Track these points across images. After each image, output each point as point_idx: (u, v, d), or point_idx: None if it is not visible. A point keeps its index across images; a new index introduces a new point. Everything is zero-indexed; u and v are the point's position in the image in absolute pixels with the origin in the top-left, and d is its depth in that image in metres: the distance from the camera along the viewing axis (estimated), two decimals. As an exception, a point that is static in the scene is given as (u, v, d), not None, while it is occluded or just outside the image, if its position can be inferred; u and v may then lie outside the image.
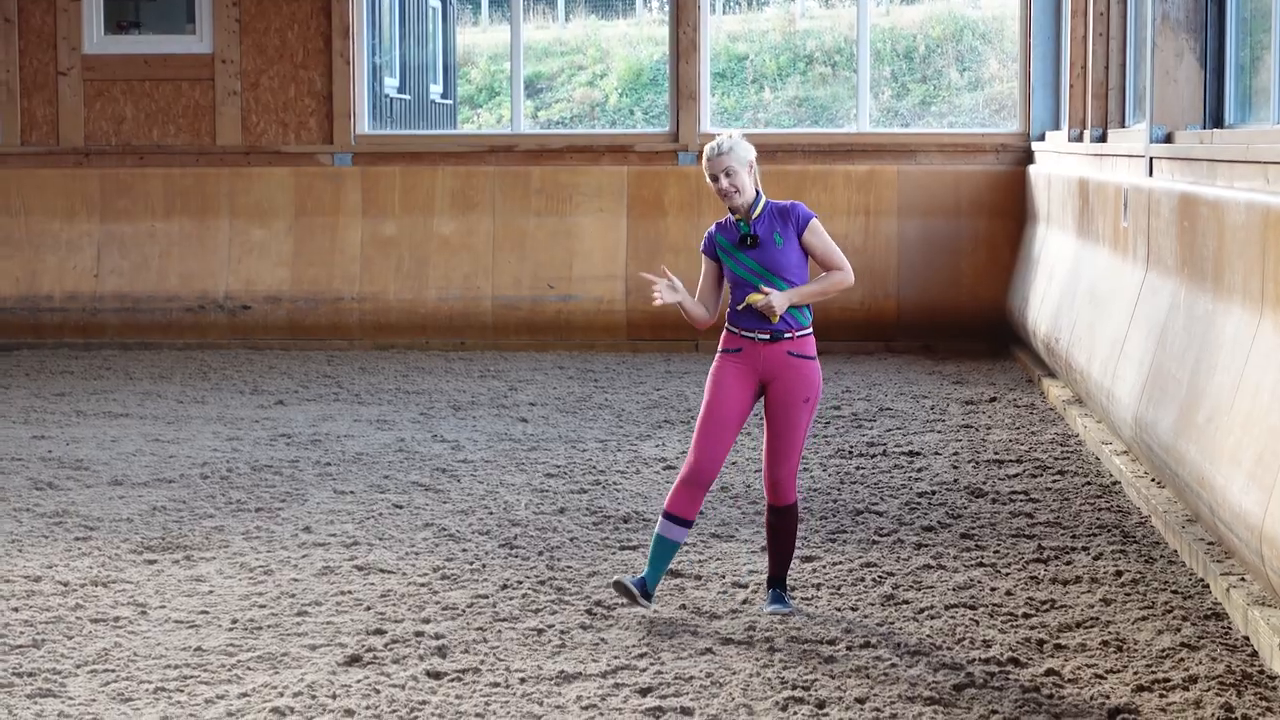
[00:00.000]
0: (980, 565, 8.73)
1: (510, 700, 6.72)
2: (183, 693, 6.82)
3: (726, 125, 26.63)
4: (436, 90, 29.38)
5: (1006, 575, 8.54)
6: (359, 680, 6.94)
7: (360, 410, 13.69)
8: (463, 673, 7.04)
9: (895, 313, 17.18)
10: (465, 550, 9.11)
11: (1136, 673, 6.99)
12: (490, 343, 17.45)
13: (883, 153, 17.49)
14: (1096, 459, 11.37)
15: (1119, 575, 8.49)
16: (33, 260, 17.90)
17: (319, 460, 11.58)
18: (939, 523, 9.68)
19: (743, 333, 7.83)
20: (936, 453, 11.75)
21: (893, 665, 7.11)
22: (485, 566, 8.77)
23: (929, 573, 8.60)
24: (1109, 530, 9.45)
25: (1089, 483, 10.71)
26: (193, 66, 17.99)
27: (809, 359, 7.85)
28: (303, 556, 8.99)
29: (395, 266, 17.67)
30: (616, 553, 9.04)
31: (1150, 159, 11.42)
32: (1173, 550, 8.95)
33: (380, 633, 7.57)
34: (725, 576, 8.53)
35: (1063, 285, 13.93)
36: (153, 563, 8.87)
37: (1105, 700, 6.66)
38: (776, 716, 6.53)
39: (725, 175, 7.78)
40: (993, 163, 17.44)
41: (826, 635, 7.52)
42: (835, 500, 10.30)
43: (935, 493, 10.48)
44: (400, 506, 10.19)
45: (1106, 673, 7.00)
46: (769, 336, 7.78)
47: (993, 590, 8.25)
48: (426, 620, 7.79)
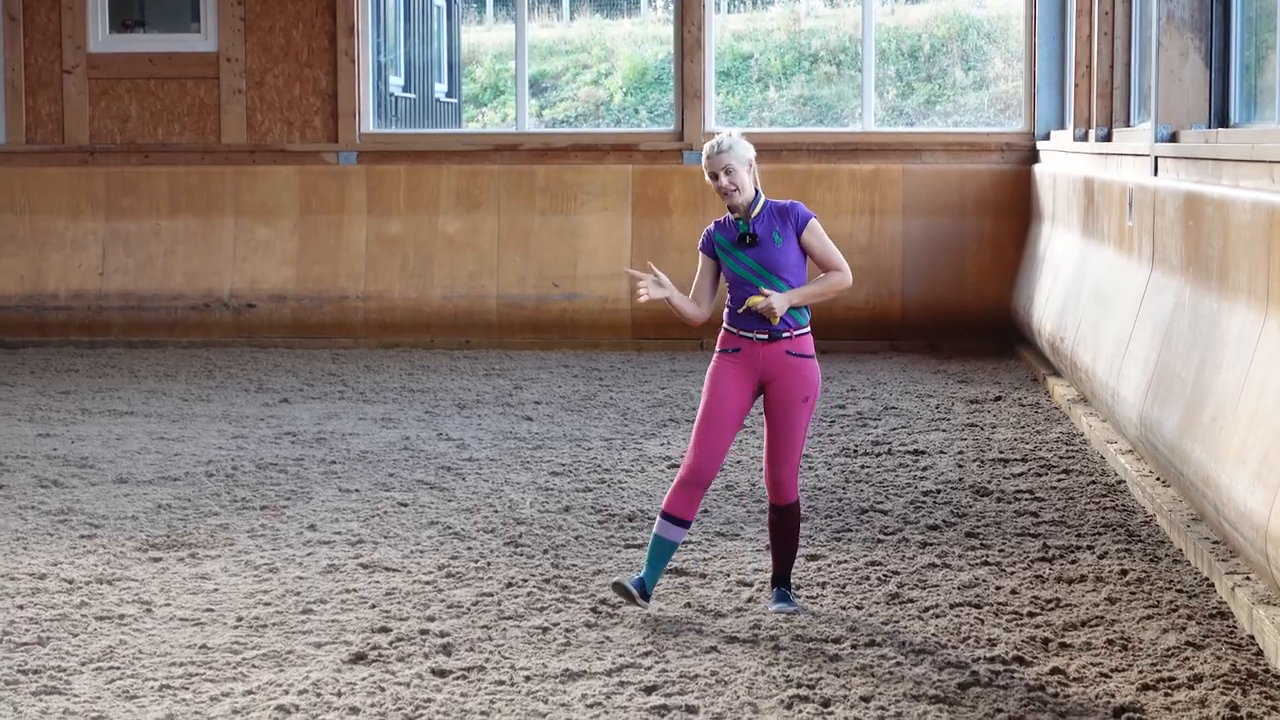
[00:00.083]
0: (985, 564, 8.73)
1: (515, 698, 6.72)
2: (188, 690, 6.82)
3: (731, 124, 26.63)
4: (441, 89, 29.39)
5: (1011, 574, 8.54)
6: (364, 678, 6.94)
7: (365, 408, 13.69)
8: (468, 671, 7.04)
9: (900, 312, 17.17)
10: (470, 548, 9.12)
11: (1141, 671, 6.98)
12: (495, 341, 17.46)
13: (888, 152, 17.49)
14: (1101, 458, 11.37)
15: (1124, 574, 8.49)
16: (38, 258, 17.91)
17: (324, 458, 11.58)
18: (944, 521, 9.68)
19: (741, 333, 7.81)
20: (941, 451, 11.74)
21: (898, 664, 7.11)
22: (490, 565, 8.77)
23: (934, 571, 8.60)
24: (1114, 529, 9.44)
25: (1094, 482, 10.71)
26: (198, 65, 18.00)
27: (808, 358, 7.84)
28: (308, 554, 8.99)
29: (400, 265, 17.68)
30: (621, 551, 9.05)
31: (1155, 158, 11.41)
32: (1178, 549, 8.95)
33: (385, 630, 7.57)
34: (730, 575, 8.53)
35: (1068, 284, 13.93)
36: (158, 560, 8.87)
37: (1110, 699, 6.66)
38: (781, 715, 6.52)
39: (725, 173, 7.77)
40: (998, 162, 17.43)
41: (831, 634, 7.52)
42: (840, 499, 10.30)
43: (940, 491, 10.48)
44: (405, 505, 10.19)
45: (1111, 671, 6.99)
46: (767, 336, 7.76)
47: (998, 589, 8.25)
48: (431, 618, 7.79)
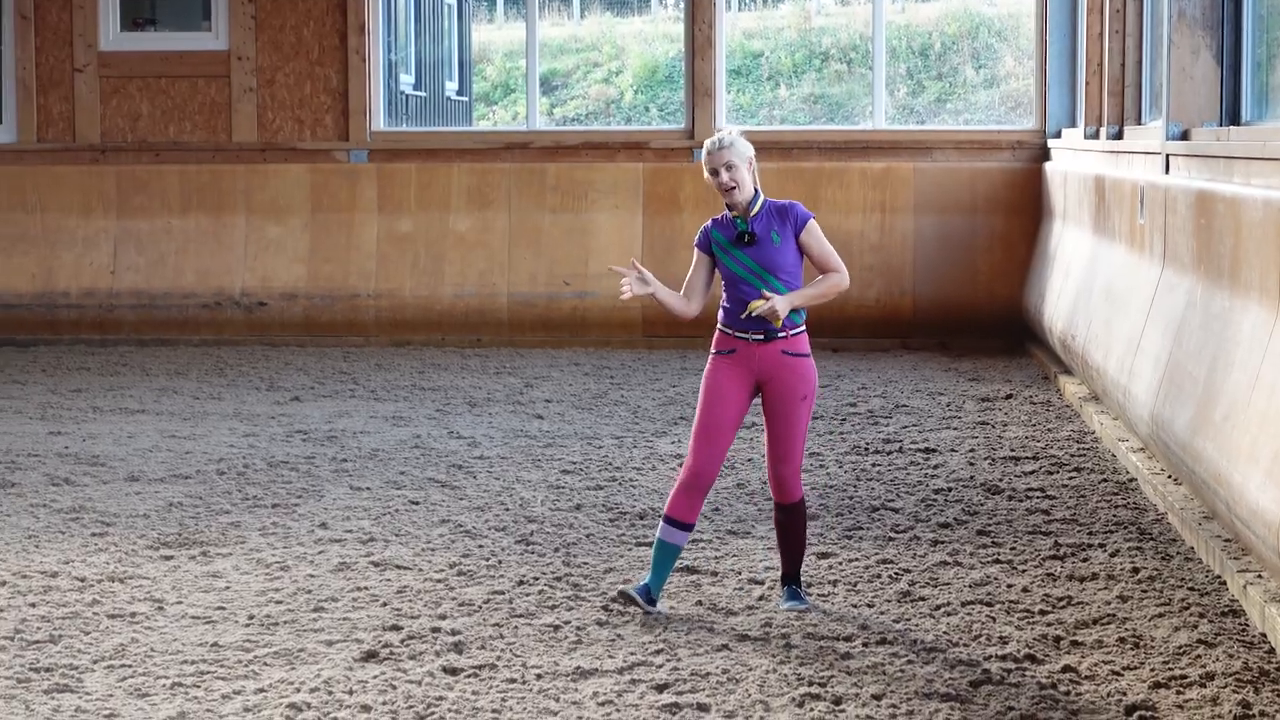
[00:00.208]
0: (997, 562, 8.72)
1: (526, 696, 6.72)
2: (199, 688, 6.82)
3: (742, 122, 26.63)
4: (452, 87, 29.39)
5: (1023, 572, 8.53)
6: (375, 676, 6.94)
7: (376, 407, 13.70)
8: (479, 669, 7.04)
9: (911, 310, 17.17)
10: (481, 546, 9.12)
11: (1153, 669, 6.98)
12: (506, 339, 17.46)
13: (898, 150, 17.48)
14: (1113, 456, 11.36)
15: (1135, 572, 8.48)
16: (49, 257, 17.93)
17: (335, 457, 11.59)
18: (955, 519, 9.67)
19: (736, 333, 7.78)
20: (953, 449, 11.74)
21: (909, 662, 7.10)
22: (501, 563, 8.77)
23: (945, 569, 8.59)
24: (1125, 527, 9.43)
25: (1105, 480, 10.70)
26: (208, 63, 18.01)
27: (804, 357, 7.82)
28: (319, 552, 8.99)
29: (411, 263, 17.68)
30: (633, 549, 9.04)
31: (1167, 156, 11.40)
32: (1189, 547, 8.93)
33: (397, 629, 7.58)
34: (741, 573, 8.53)
35: (1079, 282, 13.92)
36: (169, 558, 8.88)
37: (1122, 697, 6.65)
38: (793, 713, 6.52)
39: (726, 169, 7.74)
40: (1009, 160, 17.42)
41: (843, 632, 7.52)
42: (851, 497, 10.30)
43: (951, 489, 10.47)
44: (416, 503, 10.19)
45: (1123, 669, 6.98)
46: (763, 336, 7.74)
47: (1009, 587, 8.24)
48: (443, 616, 7.79)
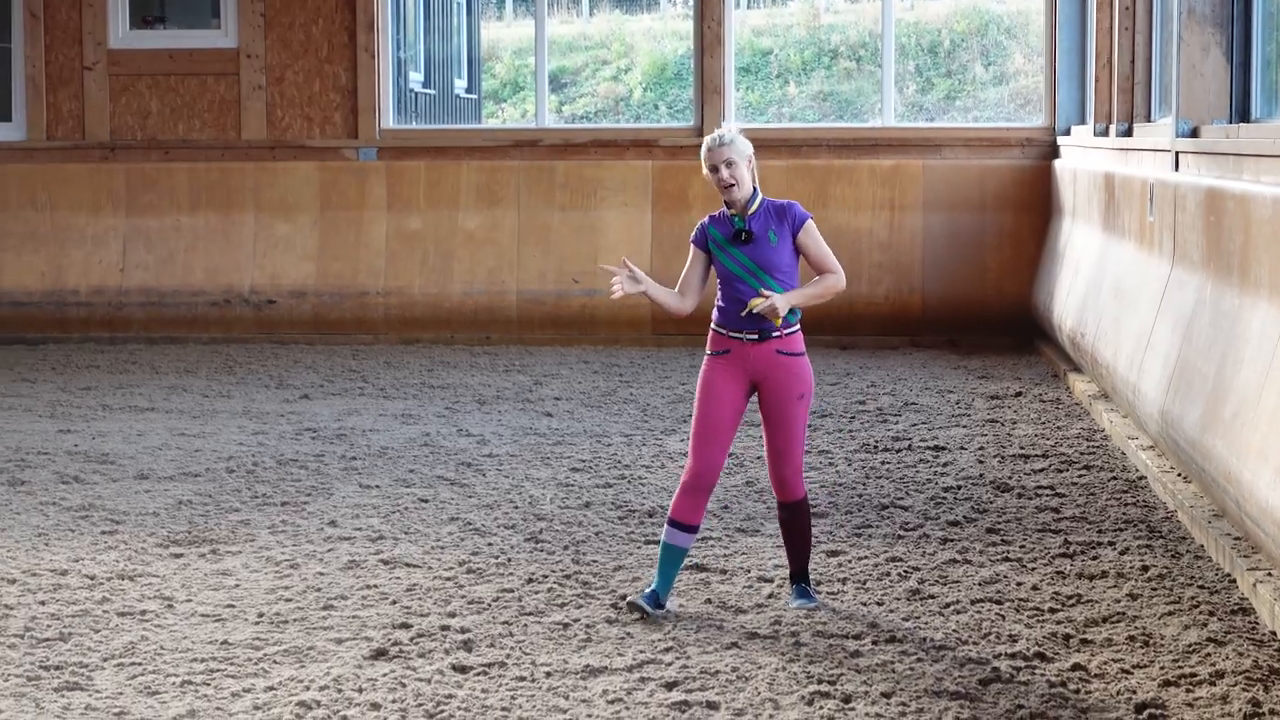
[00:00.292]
0: (1006, 560, 8.72)
1: (536, 694, 6.73)
2: (209, 686, 6.83)
3: (751, 120, 26.63)
4: (461, 85, 29.40)
5: (1032, 570, 8.53)
6: (385, 674, 6.95)
7: (385, 405, 13.71)
8: (488, 667, 7.05)
9: (920, 307, 17.16)
10: (491, 544, 9.12)
11: (1163, 668, 6.97)
12: (515, 337, 17.47)
13: (908, 147, 17.48)
14: (1122, 454, 11.35)
15: (1145, 570, 8.47)
16: (58, 255, 17.96)
17: (344, 454, 11.60)
18: (965, 517, 9.67)
19: (730, 333, 7.76)
20: (962, 447, 11.73)
21: (918, 660, 7.10)
22: (511, 561, 8.77)
23: (955, 567, 8.59)
24: (1135, 525, 9.43)
25: (1115, 478, 10.69)
26: (218, 61, 18.03)
27: (799, 356, 7.77)
28: (328, 550, 9.00)
29: (420, 261, 17.70)
30: (642, 547, 9.04)
31: (1176, 153, 11.39)
32: (1199, 545, 8.93)
33: (406, 627, 7.58)
34: (750, 571, 8.53)
35: (1088, 280, 13.91)
36: (179, 556, 8.89)
37: (1132, 695, 6.64)
38: (802, 711, 6.52)
39: (726, 166, 7.72)
40: (1018, 157, 17.41)
41: (852, 630, 7.52)
42: (860, 495, 10.29)
43: (961, 487, 10.47)
44: (425, 501, 10.20)
45: (1133, 668, 6.98)
46: (757, 336, 7.71)
47: (1019, 585, 8.24)
48: (452, 614, 7.79)
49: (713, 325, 7.82)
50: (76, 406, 13.64)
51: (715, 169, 7.75)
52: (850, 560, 8.74)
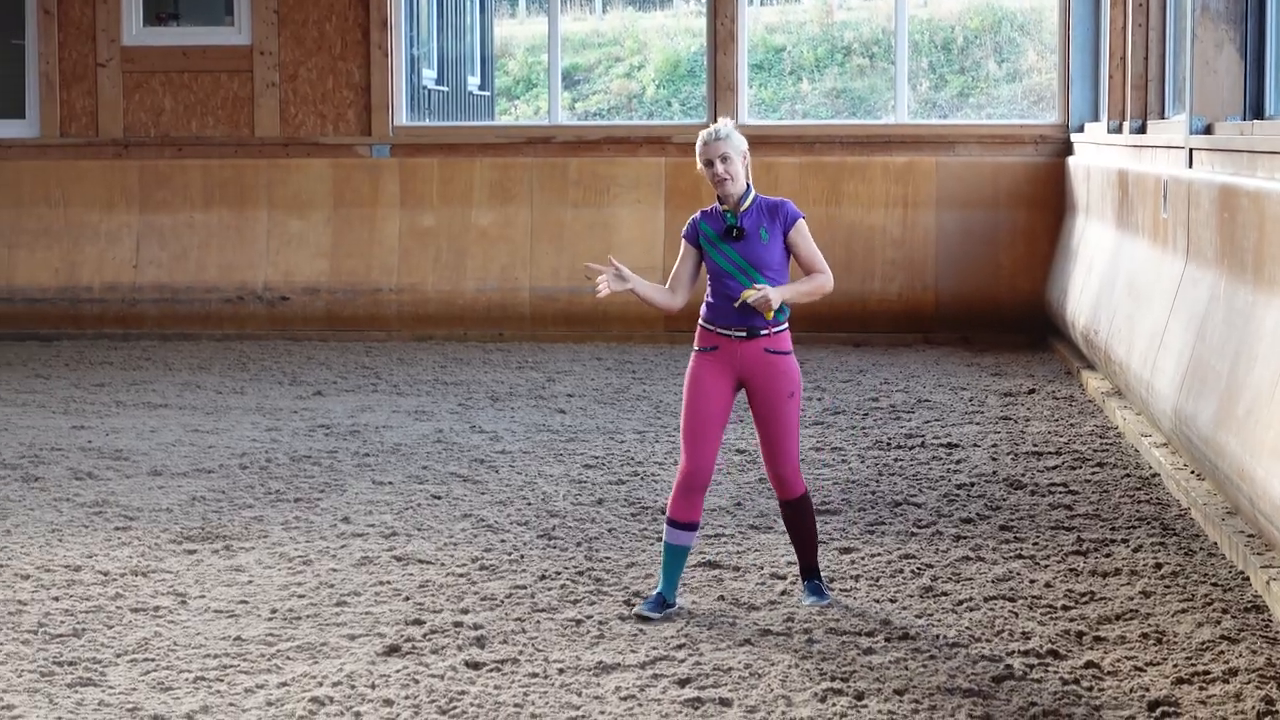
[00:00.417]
0: (1019, 557, 8.72)
1: (549, 691, 6.73)
2: (222, 682, 6.85)
3: (764, 117, 26.62)
4: (474, 82, 29.40)
5: (1046, 567, 8.52)
6: (398, 670, 6.96)
7: (398, 401, 13.72)
8: (501, 663, 7.06)
9: (933, 304, 17.15)
10: (504, 541, 9.13)
11: (1176, 665, 6.97)
12: (528, 334, 17.48)
13: (921, 144, 17.47)
14: (1136, 451, 11.35)
15: (1158, 568, 8.47)
16: (72, 251, 17.98)
17: (357, 451, 11.61)
18: (978, 514, 9.67)
19: (719, 330, 7.72)
20: (975, 444, 11.73)
21: (931, 657, 7.11)
22: (524, 557, 8.78)
23: (968, 565, 8.59)
24: (1148, 522, 9.43)
25: (1128, 475, 10.69)
26: (231, 58, 18.05)
27: (786, 354, 7.75)
28: (341, 547, 9.01)
29: (433, 258, 17.71)
30: (654, 543, 9.04)
31: (1190, 150, 11.39)
32: (1213, 543, 8.92)
33: (419, 623, 7.59)
34: (763, 568, 8.53)
35: (1102, 277, 13.90)
36: (192, 552, 8.91)
37: (1145, 693, 6.65)
38: (815, 708, 6.52)
39: (721, 161, 7.70)
40: (1031, 154, 17.40)
41: (865, 627, 7.52)
42: (874, 492, 10.29)
43: (974, 485, 10.47)
44: (439, 497, 10.21)
45: (1146, 665, 6.98)
46: (745, 333, 7.69)
47: (1032, 582, 8.24)
48: (465, 611, 7.80)
49: (700, 321, 7.79)
50: (90, 403, 13.66)
51: (710, 164, 7.74)
52: (863, 557, 8.74)
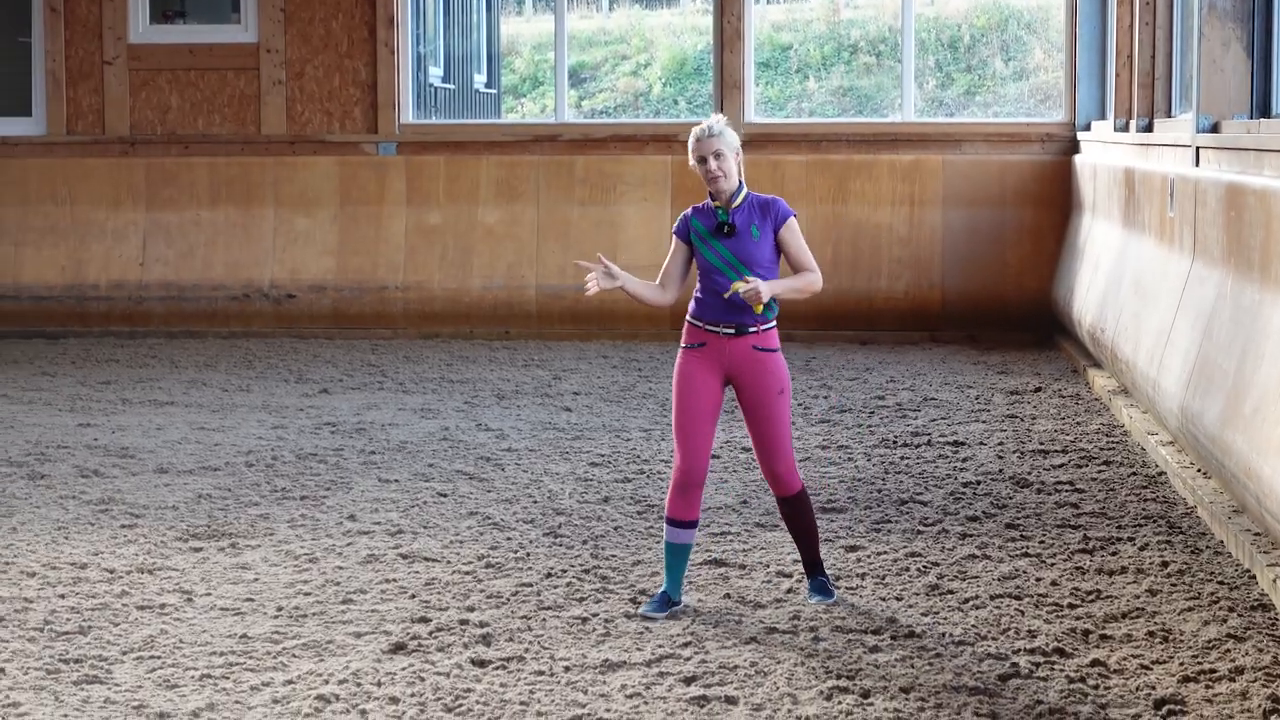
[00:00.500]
0: (1025, 555, 8.73)
1: (555, 688, 6.74)
2: (228, 679, 6.86)
3: (771, 115, 26.62)
4: (480, 80, 29.41)
5: (1052, 565, 8.53)
6: (404, 668, 6.97)
7: (405, 399, 13.74)
8: (507, 661, 7.07)
9: (940, 303, 17.15)
10: (510, 539, 9.14)
11: (1182, 663, 6.98)
12: (534, 332, 17.49)
13: (928, 142, 17.47)
14: (1142, 449, 11.35)
15: (1165, 566, 8.48)
16: (79, 249, 18.00)
17: (363, 449, 11.62)
18: (984, 513, 9.68)
19: (706, 326, 7.71)
20: (981, 443, 11.74)
21: (937, 655, 7.11)
22: (530, 555, 8.80)
23: (974, 563, 8.59)
24: (1155, 521, 9.43)
25: (1134, 473, 10.69)
26: (238, 56, 18.07)
27: (773, 352, 7.74)
28: (347, 544, 9.02)
29: (440, 256, 17.72)
30: (660, 541, 9.03)
31: (1196, 148, 11.39)
32: (1219, 541, 8.93)
33: (425, 621, 7.61)
34: (769, 566, 8.54)
35: (1108, 275, 13.91)
36: (198, 550, 8.92)
37: (1151, 691, 6.65)
38: (821, 706, 6.53)
39: (714, 157, 7.72)
40: (1038, 152, 17.40)
41: (871, 625, 7.53)
42: (880, 490, 10.30)
43: (980, 483, 10.48)
44: (445, 495, 10.22)
45: (1152, 663, 6.99)
46: (734, 330, 7.68)
47: (1038, 580, 8.24)
48: (471, 608, 7.81)
49: (688, 318, 7.78)
50: (96, 400, 13.68)
51: (703, 160, 7.75)
52: (869, 555, 8.75)
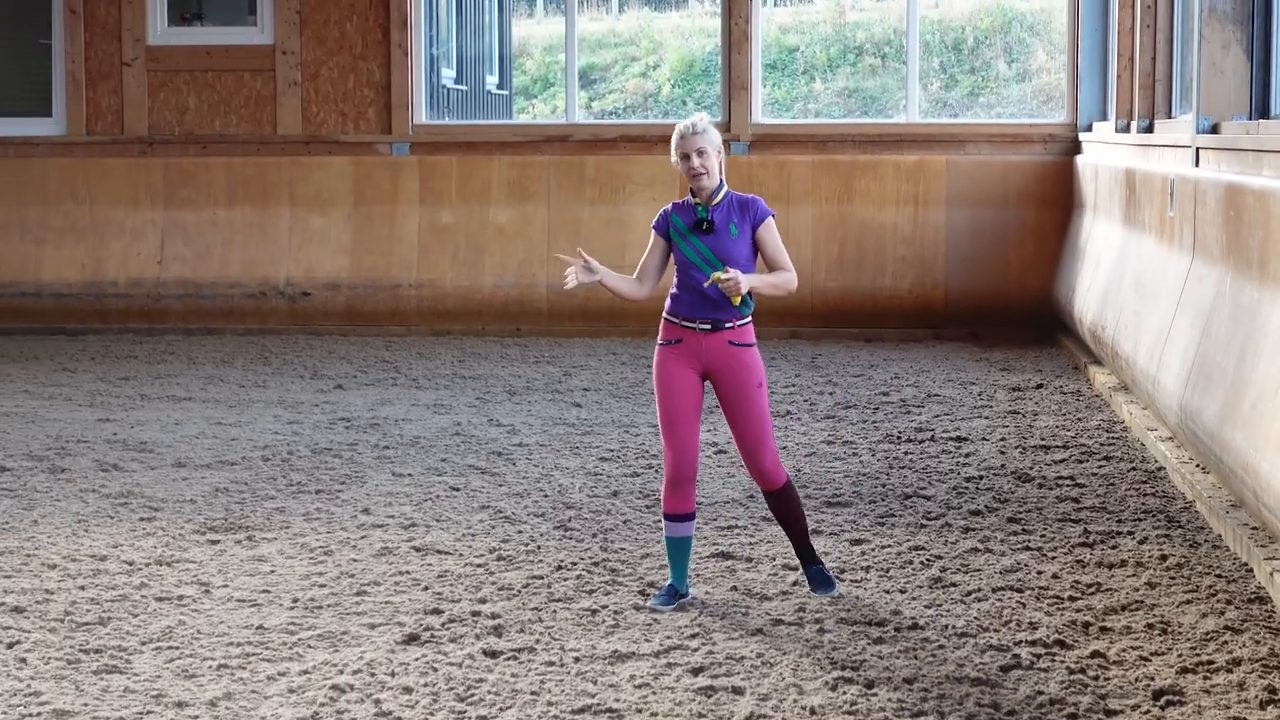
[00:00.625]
0: (1027, 549, 8.78)
1: (565, 679, 6.80)
2: (245, 670, 6.92)
3: (777, 116, 26.72)
4: (492, 81, 29.46)
5: (1053, 559, 8.58)
6: (417, 659, 7.03)
7: (418, 395, 13.79)
8: (518, 652, 7.12)
9: (943, 301, 17.22)
10: (521, 532, 9.20)
11: (1181, 655, 7.02)
12: (545, 329, 17.55)
13: (932, 143, 17.53)
14: (1142, 445, 11.39)
15: (1164, 559, 8.52)
16: (98, 247, 18.10)
17: (377, 443, 11.68)
18: (986, 507, 9.72)
19: (683, 322, 7.74)
20: (984, 438, 11.79)
21: (940, 647, 7.16)
22: (540, 548, 8.86)
23: (976, 556, 8.64)
24: (1154, 515, 9.48)
25: (1134, 468, 10.74)
26: (254, 57, 18.16)
27: (749, 346, 7.76)
28: (362, 537, 9.08)
29: (452, 254, 17.79)
30: (669, 536, 9.13)
31: (1197, 149, 11.42)
32: (1217, 535, 8.97)
33: (438, 612, 7.66)
34: (775, 559, 8.59)
35: (1109, 274, 13.95)
36: (215, 543, 8.99)
37: (1150, 682, 6.70)
38: (826, 696, 6.58)
39: (697, 155, 7.78)
40: (1040, 153, 17.47)
41: (875, 617, 7.58)
42: (884, 485, 10.36)
43: (983, 478, 10.52)
44: (457, 489, 10.28)
45: (1151, 655, 7.03)
46: (710, 326, 7.71)
47: (1039, 573, 8.29)
48: (483, 600, 7.87)
49: (665, 314, 7.81)
50: (115, 396, 13.75)
51: (686, 157, 7.82)
52: (873, 549, 8.81)
